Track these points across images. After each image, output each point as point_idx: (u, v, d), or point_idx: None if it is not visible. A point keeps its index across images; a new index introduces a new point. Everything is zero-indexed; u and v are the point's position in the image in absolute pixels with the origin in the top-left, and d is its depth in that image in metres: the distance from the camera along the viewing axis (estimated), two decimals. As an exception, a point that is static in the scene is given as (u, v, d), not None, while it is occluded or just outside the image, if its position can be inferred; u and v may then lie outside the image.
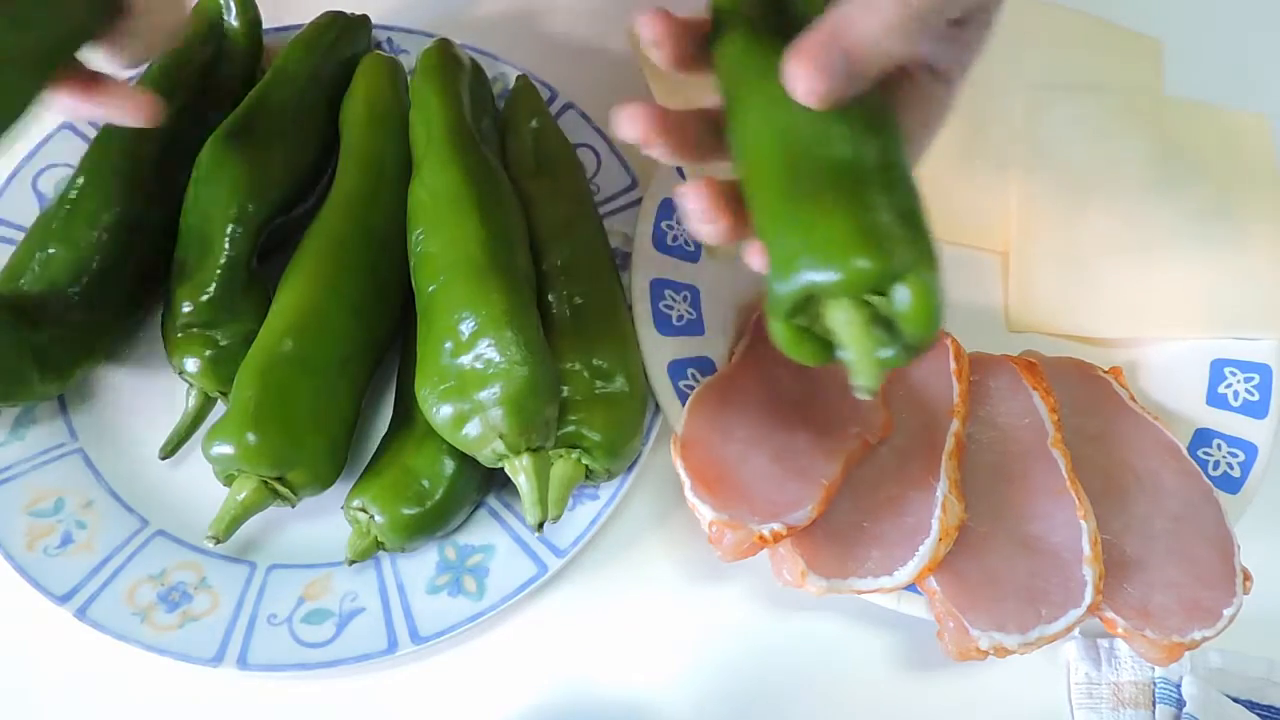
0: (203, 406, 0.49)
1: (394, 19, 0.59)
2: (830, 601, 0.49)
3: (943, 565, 0.44)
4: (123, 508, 0.48)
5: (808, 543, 0.44)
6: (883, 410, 0.48)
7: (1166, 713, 0.46)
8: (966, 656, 0.43)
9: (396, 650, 0.45)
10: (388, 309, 0.49)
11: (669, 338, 0.51)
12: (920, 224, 0.33)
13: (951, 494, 0.45)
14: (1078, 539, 0.45)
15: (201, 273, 0.48)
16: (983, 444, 0.49)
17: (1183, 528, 0.47)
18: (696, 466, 0.45)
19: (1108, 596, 0.45)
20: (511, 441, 0.42)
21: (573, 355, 0.47)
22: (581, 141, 0.56)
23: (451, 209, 0.46)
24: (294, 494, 0.45)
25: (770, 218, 0.34)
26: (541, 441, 0.43)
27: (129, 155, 0.50)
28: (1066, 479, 0.46)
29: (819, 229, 0.33)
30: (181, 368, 0.48)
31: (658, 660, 0.48)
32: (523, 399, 0.41)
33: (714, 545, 0.43)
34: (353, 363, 0.47)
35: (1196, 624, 0.44)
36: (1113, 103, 0.58)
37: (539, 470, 0.42)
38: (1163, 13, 0.63)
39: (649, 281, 0.52)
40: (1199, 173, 0.56)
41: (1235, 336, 0.53)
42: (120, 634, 0.45)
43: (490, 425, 0.41)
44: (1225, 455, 0.51)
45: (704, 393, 0.48)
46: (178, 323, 0.48)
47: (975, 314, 0.55)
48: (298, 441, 0.44)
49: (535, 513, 0.42)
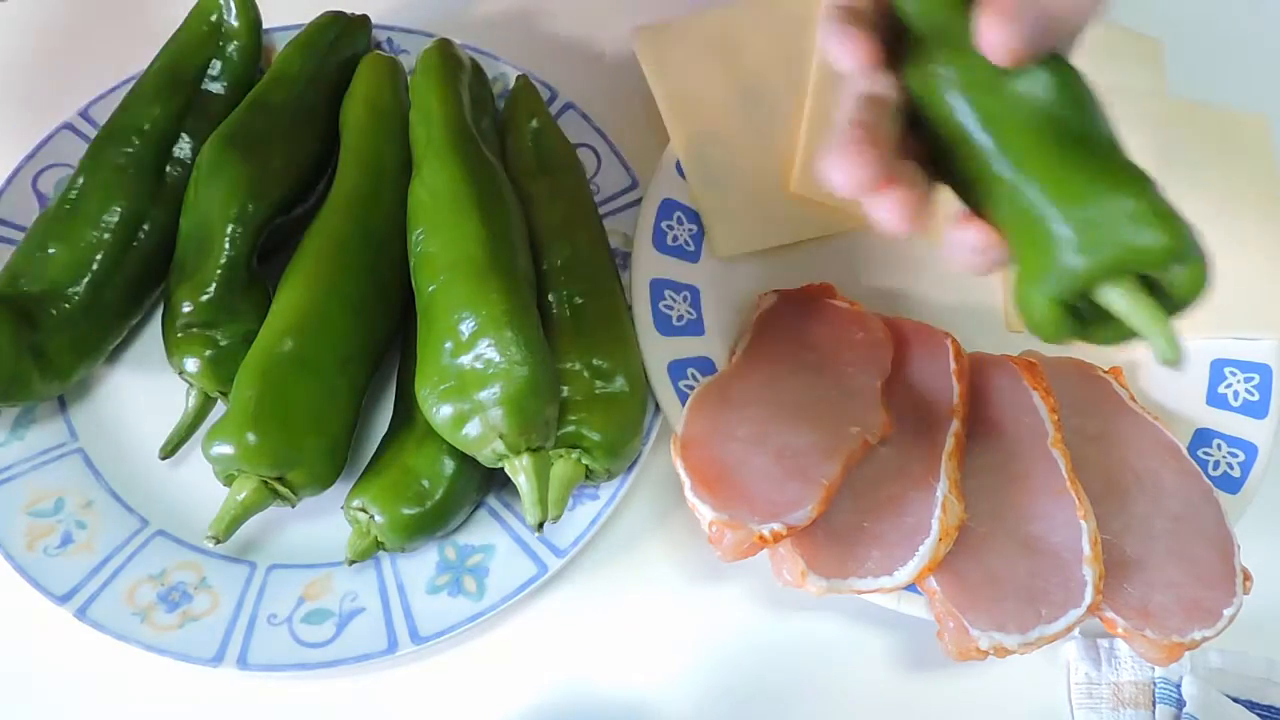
0: (203, 406, 0.49)
1: (394, 19, 0.59)
2: (830, 601, 0.49)
3: (943, 565, 0.44)
4: (123, 508, 0.48)
5: (808, 543, 0.44)
6: (883, 410, 0.48)
7: (1166, 713, 0.46)
8: (967, 656, 0.43)
9: (396, 650, 0.45)
10: (388, 309, 0.49)
11: (669, 338, 0.51)
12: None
13: (951, 494, 0.45)
14: (1078, 539, 0.45)
15: (201, 273, 0.48)
16: (983, 444, 0.49)
17: (1183, 528, 0.47)
18: (696, 466, 0.45)
19: (1108, 596, 0.45)
20: (511, 441, 0.42)
21: (573, 355, 0.47)
22: (581, 141, 0.56)
23: (451, 209, 0.46)
24: (294, 494, 0.45)
25: (1054, 186, 0.33)
26: (541, 441, 0.43)
27: (129, 155, 0.50)
28: (1066, 479, 0.46)
29: (1123, 201, 0.33)
30: (181, 368, 0.48)
31: (658, 660, 0.48)
32: (523, 399, 0.41)
33: (714, 545, 0.43)
34: (353, 363, 0.47)
35: (1196, 624, 0.44)
36: (1113, 103, 0.58)
37: (539, 470, 0.42)
38: (1164, 13, 0.63)
39: (649, 281, 0.52)
40: (1199, 173, 0.56)
41: (1235, 336, 0.53)
42: (120, 634, 0.45)
43: (490, 425, 0.41)
44: (1225, 455, 0.51)
45: (704, 393, 0.48)
46: (178, 323, 0.48)
47: (975, 314, 0.55)
48: (297, 441, 0.44)
49: (535, 513, 0.42)
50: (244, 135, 0.50)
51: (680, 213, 0.54)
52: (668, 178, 0.54)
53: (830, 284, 0.53)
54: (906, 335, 0.51)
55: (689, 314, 0.52)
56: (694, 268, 0.53)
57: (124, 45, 0.56)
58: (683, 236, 0.53)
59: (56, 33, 0.61)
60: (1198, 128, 0.57)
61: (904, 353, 0.50)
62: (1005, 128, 0.34)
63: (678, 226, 0.53)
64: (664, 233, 0.53)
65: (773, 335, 0.51)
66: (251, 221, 0.49)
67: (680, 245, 0.53)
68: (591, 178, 0.56)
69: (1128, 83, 0.59)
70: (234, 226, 0.49)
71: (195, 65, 0.54)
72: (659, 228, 0.53)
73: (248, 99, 0.53)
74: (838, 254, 0.56)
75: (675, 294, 0.52)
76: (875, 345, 0.50)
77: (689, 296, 0.52)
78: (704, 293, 0.53)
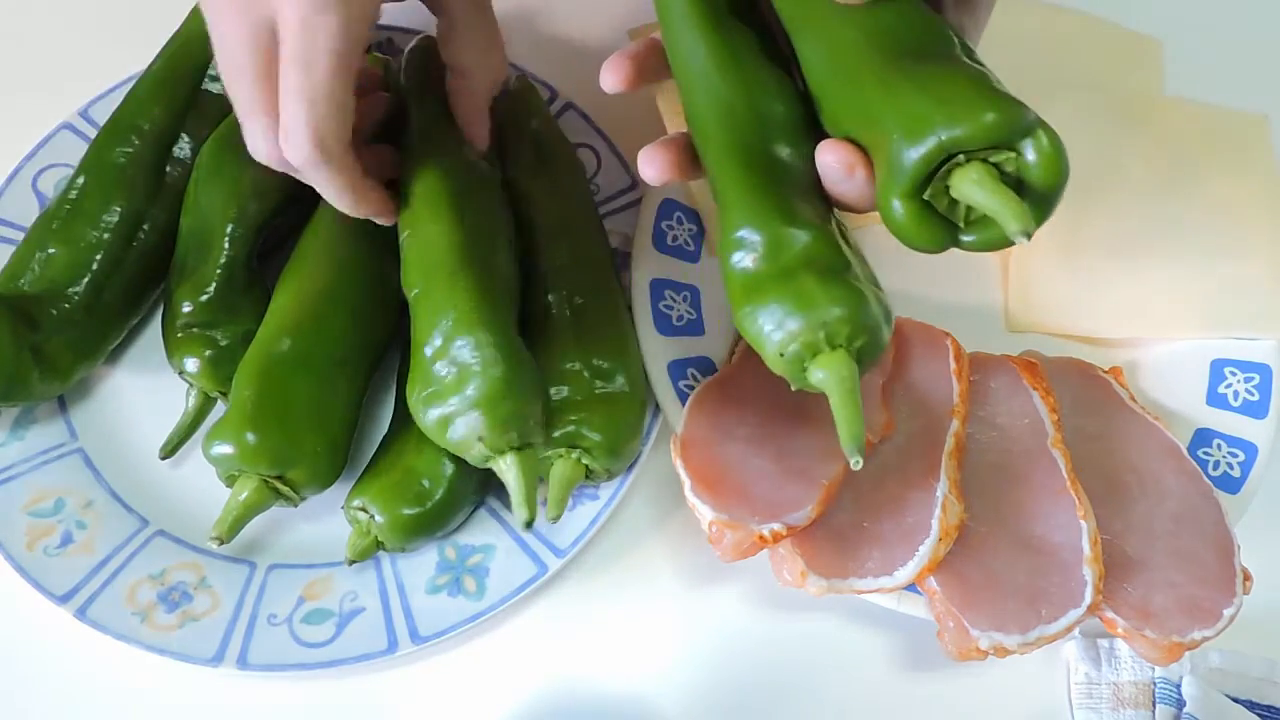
0: (203, 406, 0.49)
1: (394, 19, 0.59)
2: (830, 602, 0.49)
3: (943, 565, 0.44)
4: (123, 508, 0.48)
5: (808, 543, 0.44)
6: (883, 410, 0.48)
7: (1166, 713, 0.46)
8: (967, 656, 0.43)
9: (396, 650, 0.45)
10: (386, 308, 0.49)
11: (669, 338, 0.51)
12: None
13: (951, 494, 0.45)
14: (1078, 539, 0.45)
15: (201, 273, 0.48)
16: (983, 444, 0.49)
17: (1183, 528, 0.47)
18: (696, 466, 0.45)
19: (1108, 596, 0.45)
20: (492, 442, 0.41)
21: (573, 355, 0.47)
22: (581, 141, 0.56)
23: (426, 210, 0.46)
24: (295, 493, 0.45)
25: (882, 94, 0.34)
26: (525, 440, 0.42)
27: (129, 155, 0.50)
28: (1067, 479, 0.46)
29: (946, 90, 0.33)
30: (181, 368, 0.48)
31: (658, 660, 0.48)
32: (498, 399, 0.41)
33: (714, 545, 0.43)
34: (351, 362, 0.47)
35: (1196, 624, 0.44)
36: (1113, 103, 0.58)
37: (525, 469, 0.42)
38: (1163, 13, 0.63)
39: (649, 281, 0.52)
40: (1199, 173, 0.56)
41: (1235, 337, 0.53)
42: (120, 634, 0.45)
43: (470, 428, 0.41)
44: (1225, 455, 0.51)
45: (704, 392, 0.48)
46: (178, 323, 0.48)
47: (975, 314, 0.55)
48: (296, 441, 0.44)
49: (522, 512, 0.42)
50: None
51: (680, 213, 0.54)
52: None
53: (829, 284, 0.53)
54: (907, 335, 0.51)
55: (689, 314, 0.52)
56: (694, 268, 0.53)
57: (124, 45, 0.56)
58: (683, 236, 0.53)
59: (56, 32, 0.61)
60: (1197, 127, 0.57)
61: (904, 353, 0.50)
62: (847, 51, 0.36)
63: (678, 226, 0.54)
64: (664, 233, 0.53)
65: (773, 335, 0.51)
66: (251, 221, 0.49)
67: (680, 245, 0.53)
68: (591, 178, 0.56)
69: (1126, 82, 0.59)
70: (233, 226, 0.49)
71: (195, 65, 0.54)
72: (659, 228, 0.53)
73: (248, 99, 0.53)
74: (838, 254, 0.56)
75: (675, 294, 0.52)
76: (876, 345, 0.50)
77: (689, 296, 0.52)
78: (704, 293, 0.53)
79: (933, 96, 0.33)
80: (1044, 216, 0.35)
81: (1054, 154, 0.33)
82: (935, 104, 0.33)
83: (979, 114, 0.33)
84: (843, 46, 0.36)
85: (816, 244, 0.36)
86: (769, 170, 0.37)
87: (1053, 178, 0.34)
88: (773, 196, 0.36)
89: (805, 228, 0.36)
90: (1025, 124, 0.33)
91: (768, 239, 0.36)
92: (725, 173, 0.37)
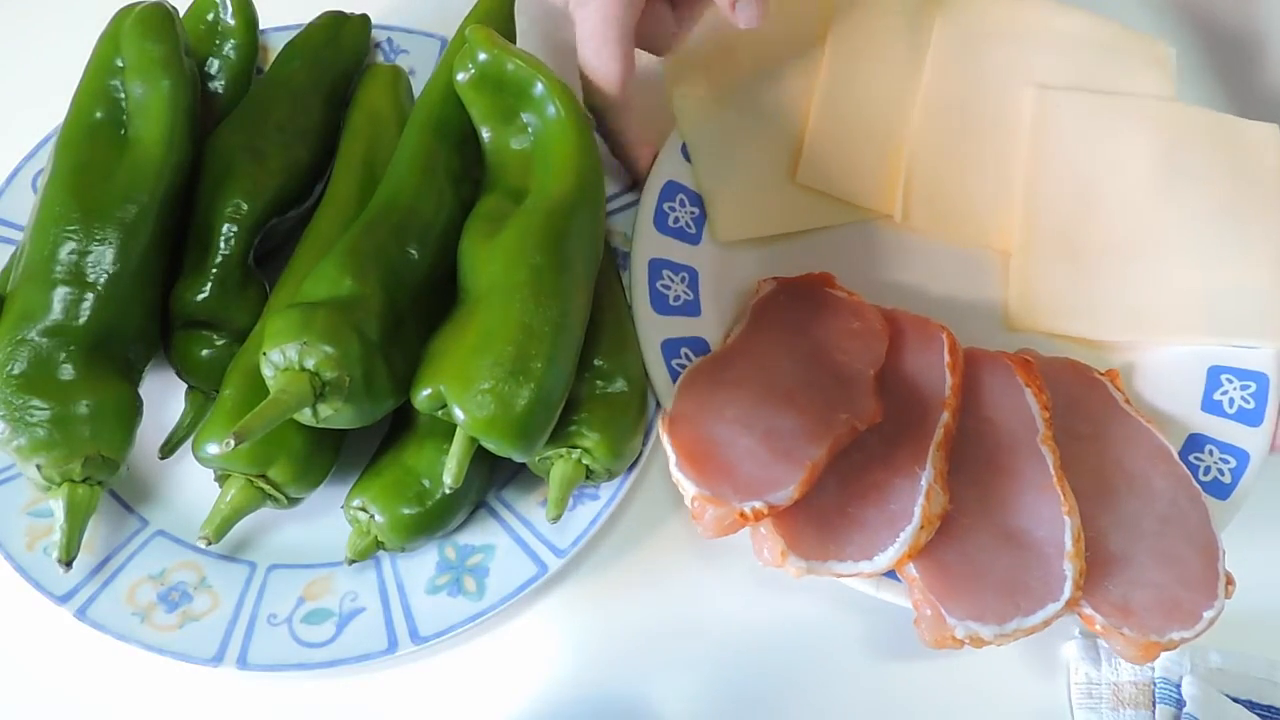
0: (201, 406, 0.49)
1: (394, 19, 0.59)
2: (831, 598, 0.49)
3: (925, 554, 0.44)
4: (123, 508, 0.48)
5: (789, 523, 0.44)
6: (874, 398, 0.48)
7: (1166, 713, 0.46)
8: (943, 645, 0.43)
9: (396, 650, 0.45)
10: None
11: (665, 317, 0.51)
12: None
13: (936, 484, 0.45)
14: (1061, 534, 0.45)
15: (199, 272, 0.48)
16: (973, 437, 0.49)
17: (1169, 529, 0.47)
18: (683, 442, 0.45)
19: (1089, 593, 0.44)
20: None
21: (573, 355, 0.47)
22: (581, 141, 0.56)
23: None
24: (281, 493, 0.45)
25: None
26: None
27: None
28: (1054, 475, 0.46)
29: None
30: (180, 367, 0.48)
31: (657, 660, 0.48)
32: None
33: (695, 521, 0.43)
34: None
35: (1175, 624, 0.44)
36: (1122, 105, 0.58)
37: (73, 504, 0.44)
38: (1176, 19, 0.62)
39: (648, 260, 0.52)
40: (1206, 179, 0.56)
41: (1234, 344, 0.53)
42: (120, 634, 0.45)
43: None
44: (1217, 461, 0.51)
45: (697, 371, 0.48)
46: (176, 322, 0.48)
47: (974, 311, 0.55)
48: (276, 439, 0.43)
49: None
50: (241, 135, 0.50)
51: (683, 195, 0.54)
52: (672, 160, 0.54)
53: (830, 274, 0.53)
54: (903, 327, 0.51)
55: (686, 295, 0.52)
56: (694, 250, 0.53)
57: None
58: (684, 219, 0.54)
59: (56, 32, 0.61)
60: (1207, 134, 0.57)
61: (899, 344, 0.50)
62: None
63: (680, 209, 0.54)
64: (665, 214, 0.53)
65: (769, 321, 0.51)
66: (247, 220, 0.49)
67: (681, 227, 0.53)
68: (591, 177, 0.56)
69: (1137, 87, 0.59)
70: (230, 226, 0.49)
71: (191, 65, 0.54)
72: (661, 209, 0.53)
73: (246, 98, 0.53)
74: (839, 245, 0.56)
75: (673, 274, 0.52)
76: (870, 334, 0.50)
77: (687, 278, 0.52)
78: (702, 275, 0.53)
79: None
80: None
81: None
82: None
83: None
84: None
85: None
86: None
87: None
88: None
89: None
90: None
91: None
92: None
